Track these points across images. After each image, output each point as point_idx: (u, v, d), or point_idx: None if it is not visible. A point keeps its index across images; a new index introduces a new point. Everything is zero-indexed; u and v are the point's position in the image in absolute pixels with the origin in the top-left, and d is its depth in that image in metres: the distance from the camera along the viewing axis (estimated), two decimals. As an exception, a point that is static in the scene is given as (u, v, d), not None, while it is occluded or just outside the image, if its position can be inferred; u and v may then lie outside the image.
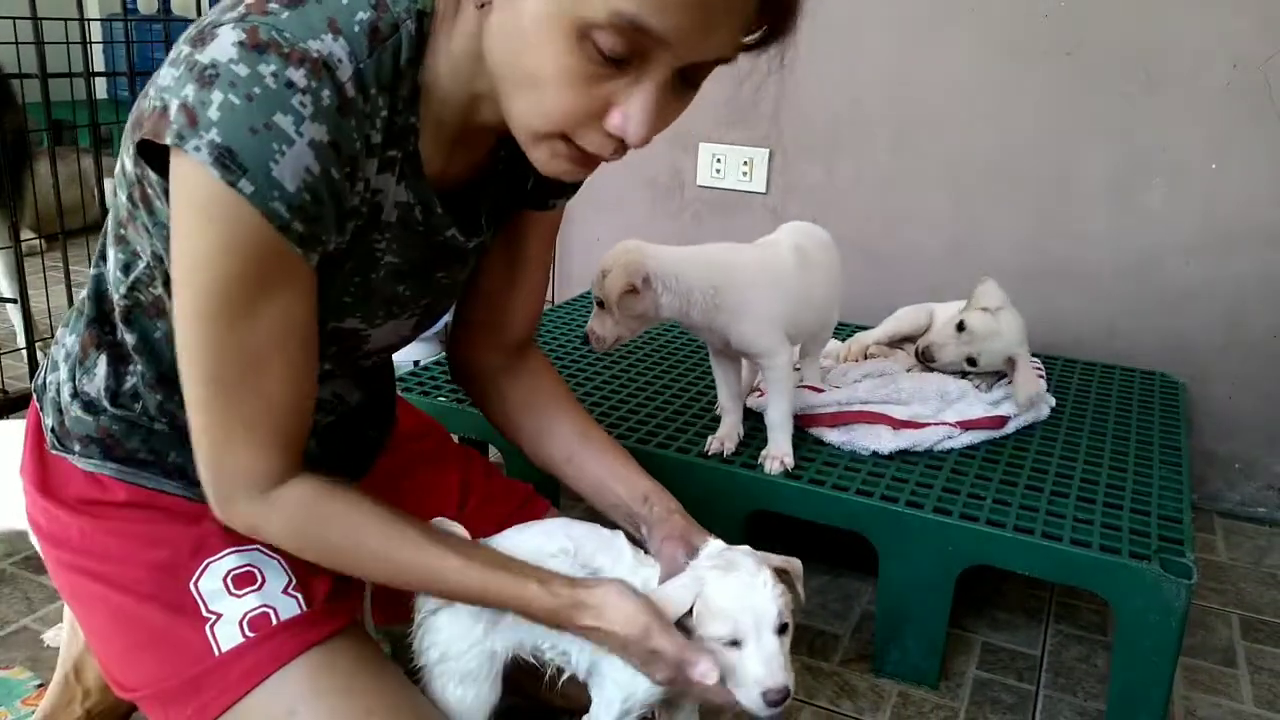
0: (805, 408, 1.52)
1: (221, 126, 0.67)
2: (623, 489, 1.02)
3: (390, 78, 0.75)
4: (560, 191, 1.02)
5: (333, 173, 0.72)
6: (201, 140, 0.68)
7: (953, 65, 2.02)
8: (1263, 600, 1.68)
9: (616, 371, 1.78)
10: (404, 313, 0.93)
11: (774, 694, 0.84)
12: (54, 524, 0.94)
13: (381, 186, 0.80)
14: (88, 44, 2.13)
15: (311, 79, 0.69)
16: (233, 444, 0.80)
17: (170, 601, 0.89)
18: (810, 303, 1.42)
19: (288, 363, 0.79)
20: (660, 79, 0.70)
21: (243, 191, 0.69)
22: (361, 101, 0.72)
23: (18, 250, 2.01)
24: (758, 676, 0.84)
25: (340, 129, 0.71)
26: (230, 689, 0.86)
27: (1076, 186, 1.98)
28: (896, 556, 1.33)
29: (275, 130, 0.68)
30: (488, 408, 1.12)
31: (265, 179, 0.69)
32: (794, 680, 0.86)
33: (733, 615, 0.85)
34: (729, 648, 0.86)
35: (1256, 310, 1.91)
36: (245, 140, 0.68)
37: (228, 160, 0.68)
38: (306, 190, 0.71)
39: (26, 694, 1.28)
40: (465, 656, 0.95)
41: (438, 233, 0.88)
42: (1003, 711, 1.36)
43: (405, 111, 0.78)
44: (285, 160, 0.69)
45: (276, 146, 0.68)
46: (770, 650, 0.85)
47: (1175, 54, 1.85)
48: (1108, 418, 1.67)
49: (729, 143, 2.22)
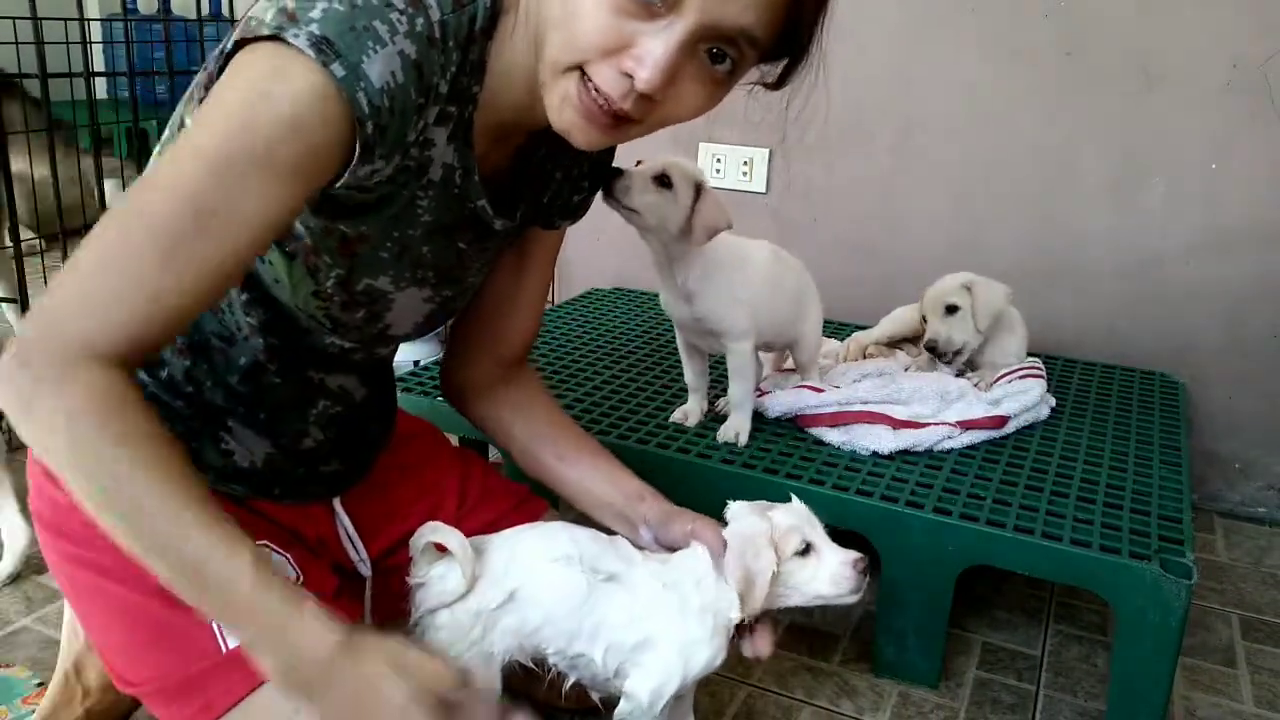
0: (805, 408, 1.52)
1: (322, 22, 0.70)
2: (615, 488, 1.06)
3: (465, 38, 0.78)
4: (567, 213, 1.06)
5: (411, 92, 0.74)
6: (301, 30, 0.69)
7: (953, 65, 2.02)
8: (1263, 600, 1.68)
9: (616, 371, 1.78)
10: (423, 282, 0.93)
11: (861, 562, 0.97)
12: (57, 513, 0.93)
13: (434, 139, 0.82)
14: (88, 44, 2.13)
15: (409, 5, 0.73)
16: (95, 294, 0.70)
17: (175, 596, 0.89)
18: (783, 289, 1.48)
19: (221, 253, 0.71)
20: (684, 34, 0.73)
21: (334, 74, 0.70)
22: (443, 48, 0.76)
23: (17, 250, 2.01)
24: (842, 559, 0.97)
25: (427, 56, 0.74)
26: (236, 686, 0.86)
27: (1076, 186, 1.98)
28: (896, 556, 1.33)
29: (373, 32, 0.71)
30: (480, 420, 1.15)
31: (355, 69, 0.70)
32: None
33: (799, 527, 0.97)
34: (801, 558, 0.97)
35: (1256, 310, 1.91)
36: (345, 34, 0.70)
37: (324, 46, 0.69)
38: (387, 94, 0.73)
39: (26, 693, 1.28)
40: (462, 658, 0.95)
41: (470, 200, 0.89)
42: (1003, 711, 1.36)
43: (470, 76, 0.81)
44: (376, 59, 0.71)
45: (371, 45, 0.71)
46: (830, 541, 0.99)
47: (1175, 54, 1.85)
48: (1108, 418, 1.67)
49: (729, 143, 2.22)
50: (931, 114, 2.06)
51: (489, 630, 0.94)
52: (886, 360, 1.71)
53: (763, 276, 1.44)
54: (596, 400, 1.64)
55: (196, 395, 0.92)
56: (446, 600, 0.94)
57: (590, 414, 1.57)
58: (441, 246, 0.91)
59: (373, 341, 0.97)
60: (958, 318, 1.61)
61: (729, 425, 1.49)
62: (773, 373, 1.69)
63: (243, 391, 0.93)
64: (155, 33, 3.32)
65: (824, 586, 0.96)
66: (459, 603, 0.94)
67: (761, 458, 1.44)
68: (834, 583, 0.96)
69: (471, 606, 0.94)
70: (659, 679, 0.95)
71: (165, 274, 0.70)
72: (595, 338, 1.97)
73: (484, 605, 0.94)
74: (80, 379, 0.69)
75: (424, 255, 0.90)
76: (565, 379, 1.73)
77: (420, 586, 0.95)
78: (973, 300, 1.61)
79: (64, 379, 0.69)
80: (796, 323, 1.53)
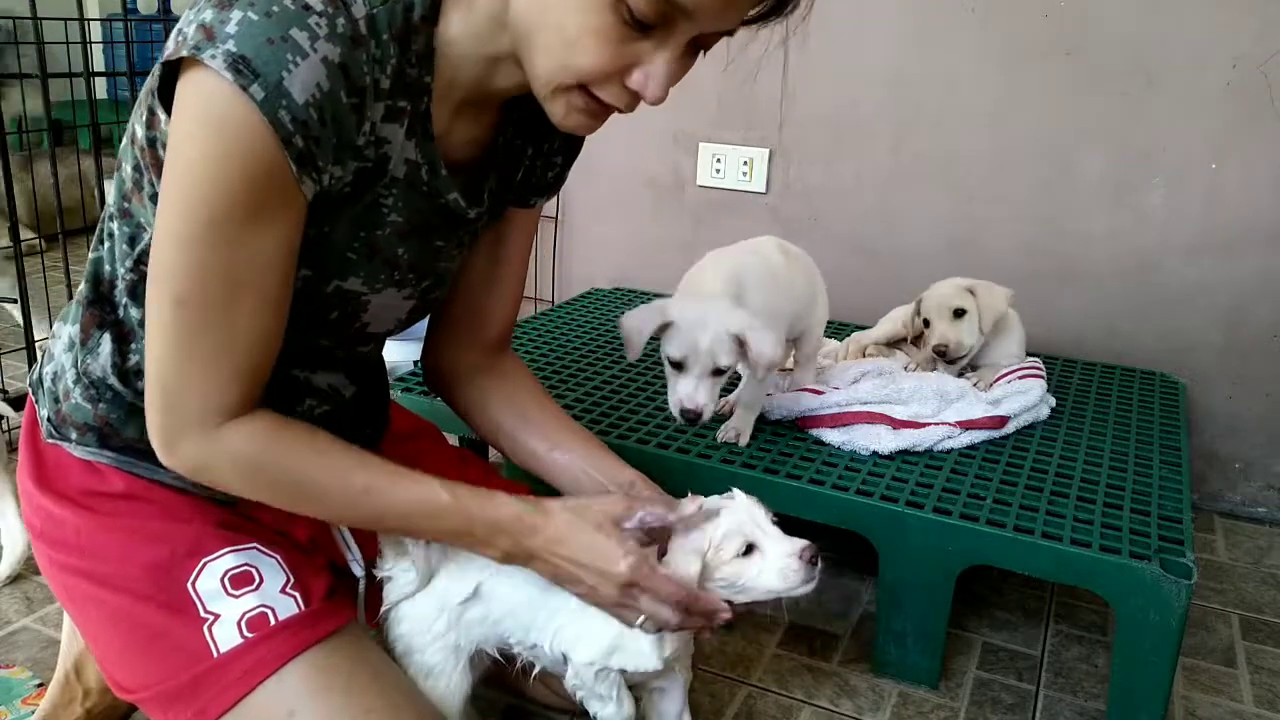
0: (806, 410, 1.52)
1: (238, 38, 0.69)
2: (608, 476, 1.05)
3: (402, 29, 0.77)
4: (541, 190, 1.05)
5: (341, 96, 0.74)
6: (218, 50, 0.69)
7: (953, 65, 2.02)
8: (1263, 600, 1.68)
9: (616, 371, 1.78)
10: (402, 283, 0.93)
11: (808, 551, 0.94)
12: (49, 523, 0.94)
13: (389, 137, 0.81)
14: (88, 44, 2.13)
15: (328, 6, 0.72)
16: (189, 375, 0.79)
17: (167, 602, 0.89)
18: (793, 294, 1.46)
19: (261, 296, 0.79)
20: (681, 45, 0.76)
21: (254, 97, 0.69)
22: (373, 45, 0.75)
23: (18, 250, 2.01)
24: (785, 550, 0.94)
25: (352, 57, 0.73)
26: (229, 690, 0.86)
27: (1076, 186, 1.98)
28: (896, 556, 1.33)
29: (291, 43, 0.70)
30: (465, 407, 1.13)
31: (275, 88, 0.70)
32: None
33: (739, 531, 0.94)
34: (745, 558, 0.94)
35: (1256, 310, 1.91)
36: (261, 49, 0.69)
37: (241, 65, 0.69)
38: (313, 107, 0.72)
39: (26, 694, 1.28)
40: (428, 650, 0.98)
41: (440, 195, 0.89)
42: (1003, 711, 1.36)
43: (418, 67, 0.80)
44: (297, 72, 0.70)
45: (290, 58, 0.70)
46: (777, 532, 0.96)
47: (1175, 54, 1.85)
48: (1108, 418, 1.67)
49: (729, 143, 2.22)
50: (932, 114, 2.06)
51: (454, 623, 0.97)
52: (886, 360, 1.71)
53: (783, 286, 1.42)
54: (596, 400, 1.64)
55: None
56: (407, 593, 0.98)
57: (590, 414, 1.57)
58: (418, 248, 0.91)
59: (352, 340, 0.97)
60: (966, 321, 1.62)
61: (731, 424, 1.48)
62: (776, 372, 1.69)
63: None
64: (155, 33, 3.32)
65: (772, 581, 0.94)
66: (422, 596, 0.98)
67: (761, 458, 1.44)
68: (782, 577, 0.94)
69: (436, 601, 0.98)
70: (592, 654, 0.97)
71: (234, 333, 0.78)
72: (595, 338, 1.97)
73: (450, 599, 0.98)
74: (222, 442, 0.81)
75: (399, 258, 0.90)
76: (565, 379, 1.73)
77: (388, 580, 0.99)
78: (976, 303, 1.61)
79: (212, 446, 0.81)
80: (806, 316, 1.53)
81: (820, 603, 1.59)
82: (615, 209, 2.37)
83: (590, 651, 0.97)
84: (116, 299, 0.90)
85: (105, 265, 0.90)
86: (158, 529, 0.91)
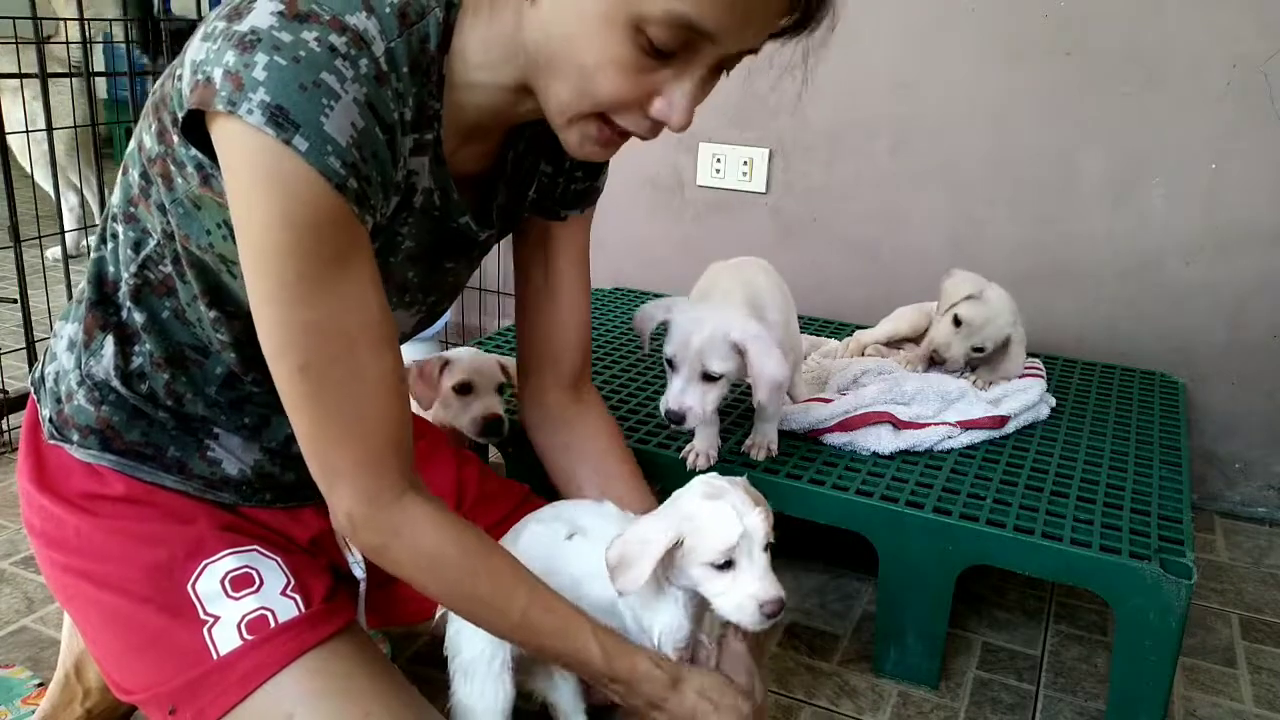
0: (819, 422, 1.50)
1: (270, 86, 0.68)
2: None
3: (421, 61, 0.76)
4: (568, 202, 1.03)
5: (376, 133, 0.73)
6: (252, 102, 0.68)
7: (952, 65, 2.02)
8: (1263, 600, 1.68)
9: (617, 371, 1.78)
10: (411, 304, 0.93)
11: (770, 605, 0.88)
12: (49, 523, 0.94)
13: (416, 169, 0.81)
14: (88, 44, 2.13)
15: (351, 47, 0.70)
16: (338, 438, 0.78)
17: (167, 604, 0.89)
18: (789, 314, 1.43)
19: (374, 335, 0.78)
20: (703, 71, 0.75)
21: (298, 149, 0.68)
22: (394, 79, 0.74)
23: (18, 250, 2.01)
24: (754, 591, 0.88)
25: (379, 96, 0.72)
26: (229, 692, 0.86)
27: (1076, 186, 1.98)
28: (896, 556, 1.33)
29: (324, 88, 0.69)
30: (549, 460, 1.13)
31: (318, 134, 0.69)
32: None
33: (726, 539, 0.87)
34: (719, 571, 0.88)
35: (1256, 310, 1.91)
36: (295, 97, 0.68)
37: (280, 118, 0.68)
38: (354, 146, 0.71)
39: (26, 694, 1.28)
40: (483, 657, 0.99)
41: (452, 218, 0.89)
42: (1003, 711, 1.36)
43: (434, 97, 0.79)
44: (334, 114, 0.69)
45: (325, 102, 0.69)
46: (763, 566, 0.89)
47: (1175, 54, 1.85)
48: (1108, 418, 1.67)
49: (729, 143, 2.22)
50: (931, 114, 2.06)
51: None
52: (886, 359, 1.71)
53: (783, 305, 1.39)
54: (596, 400, 1.63)
55: (178, 407, 0.92)
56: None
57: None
58: (427, 270, 0.92)
59: None
60: (962, 333, 1.60)
61: (757, 441, 1.43)
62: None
63: (222, 400, 0.93)
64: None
65: (726, 607, 0.90)
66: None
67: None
68: (737, 609, 0.89)
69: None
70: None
71: (363, 379, 0.78)
72: (595, 338, 1.97)
73: None
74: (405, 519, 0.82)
75: (410, 280, 0.91)
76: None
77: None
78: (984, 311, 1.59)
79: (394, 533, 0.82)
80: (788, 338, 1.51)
81: (820, 603, 1.59)
82: (615, 209, 2.36)
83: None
84: (120, 301, 0.90)
85: (108, 266, 0.90)
86: (158, 531, 0.91)
